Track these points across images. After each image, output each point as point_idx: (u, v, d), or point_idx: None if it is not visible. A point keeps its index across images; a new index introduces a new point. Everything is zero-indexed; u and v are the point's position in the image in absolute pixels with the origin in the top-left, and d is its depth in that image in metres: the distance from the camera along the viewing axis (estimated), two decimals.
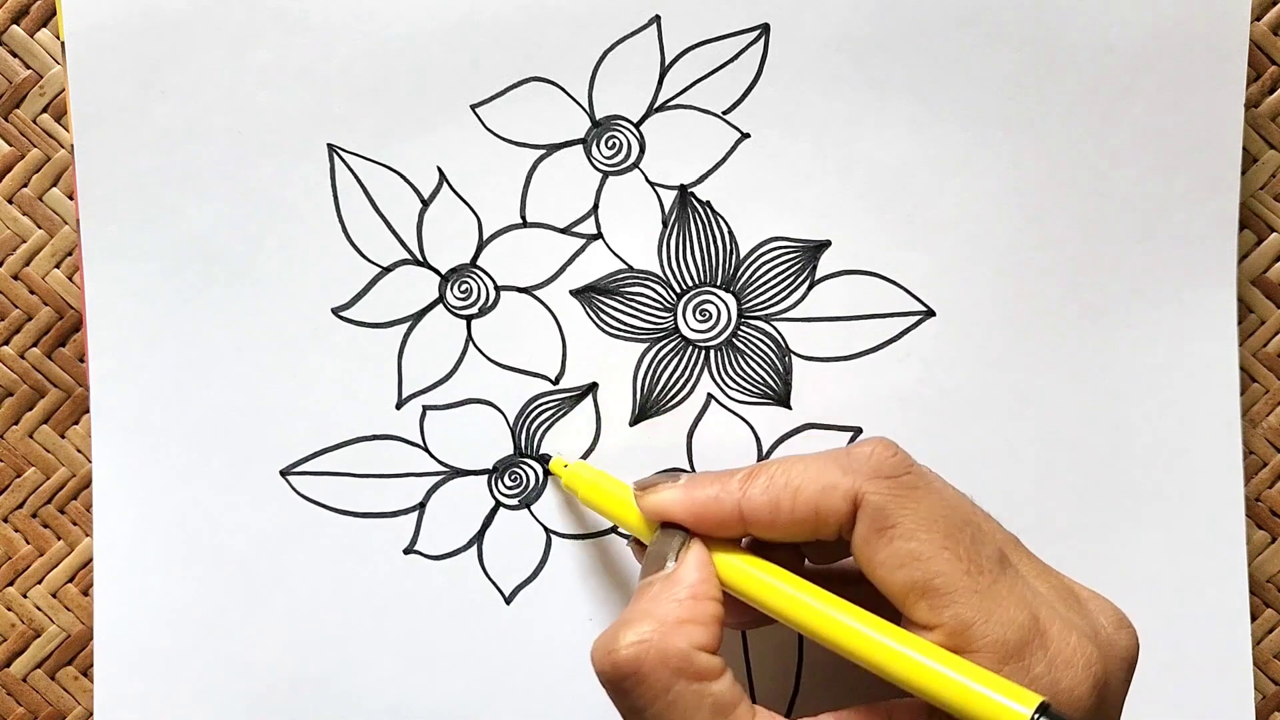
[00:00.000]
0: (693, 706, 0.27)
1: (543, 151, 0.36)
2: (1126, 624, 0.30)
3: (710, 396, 0.37)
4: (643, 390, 0.37)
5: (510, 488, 0.37)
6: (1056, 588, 0.29)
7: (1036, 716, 0.25)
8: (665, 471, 0.35)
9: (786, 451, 0.37)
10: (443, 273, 0.37)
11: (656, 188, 0.37)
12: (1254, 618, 0.38)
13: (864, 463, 0.29)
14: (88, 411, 0.37)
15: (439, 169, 0.36)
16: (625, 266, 0.37)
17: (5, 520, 0.38)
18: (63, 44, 0.36)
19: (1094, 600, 0.30)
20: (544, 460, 0.37)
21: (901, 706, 0.28)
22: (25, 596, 0.38)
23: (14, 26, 0.37)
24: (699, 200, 0.37)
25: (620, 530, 0.37)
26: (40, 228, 0.37)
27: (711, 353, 0.37)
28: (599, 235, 0.37)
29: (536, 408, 0.37)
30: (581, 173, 0.37)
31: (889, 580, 0.28)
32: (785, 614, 0.29)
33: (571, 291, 0.37)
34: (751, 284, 0.37)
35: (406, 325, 0.37)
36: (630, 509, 0.32)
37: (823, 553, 0.32)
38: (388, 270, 0.37)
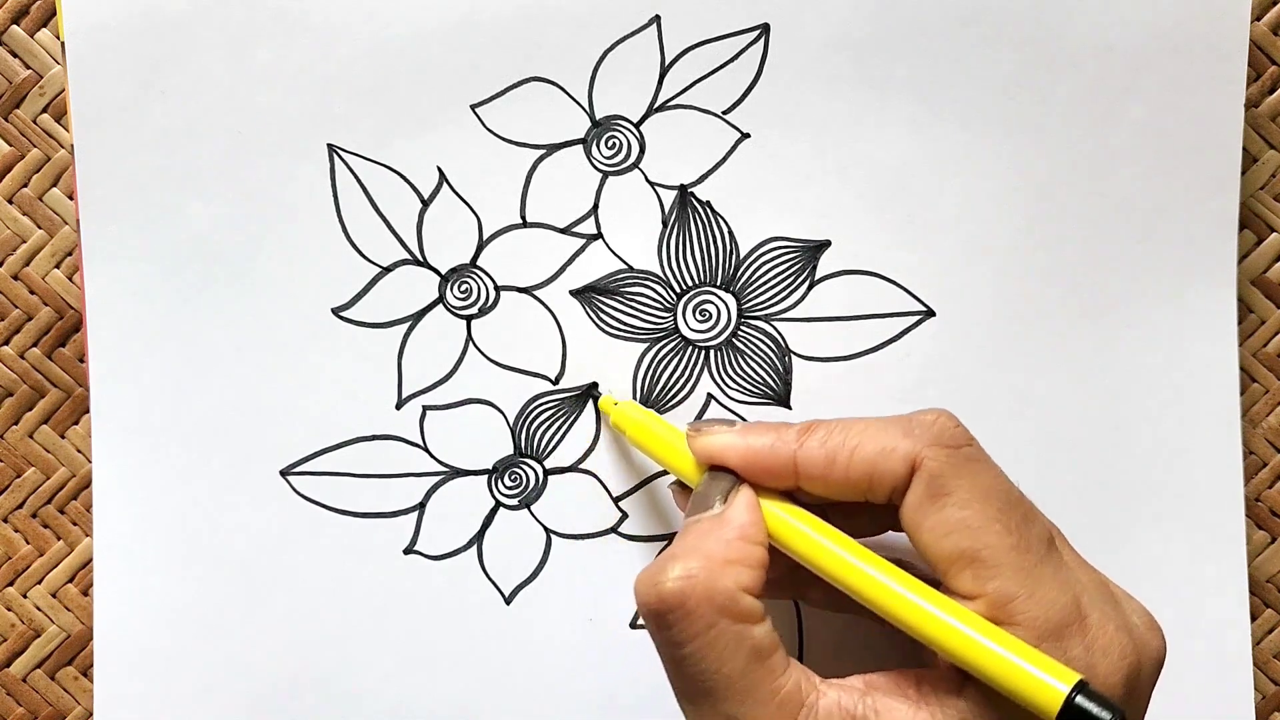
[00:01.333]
0: (732, 647, 0.27)
1: (543, 151, 0.36)
2: (1157, 627, 0.30)
3: (710, 396, 0.37)
4: (643, 390, 0.37)
5: (510, 488, 0.37)
6: (1095, 581, 0.30)
7: (1074, 694, 0.25)
8: (717, 419, 0.34)
9: None
10: (443, 273, 0.37)
11: (656, 188, 0.37)
12: (1254, 618, 0.38)
13: (927, 429, 0.29)
14: (88, 411, 0.37)
15: (439, 169, 0.36)
16: (625, 266, 0.37)
17: (5, 520, 0.38)
18: (63, 44, 0.36)
19: (1128, 600, 0.30)
20: (594, 396, 0.36)
21: (929, 675, 0.28)
22: (25, 596, 0.38)
23: (14, 26, 0.37)
24: (699, 200, 0.37)
25: (621, 519, 0.37)
26: (40, 228, 0.37)
27: (711, 353, 0.37)
28: (599, 235, 0.37)
29: (536, 408, 0.37)
30: (581, 173, 0.37)
31: (936, 546, 0.28)
32: (829, 569, 0.29)
33: (571, 291, 0.37)
34: (751, 284, 0.37)
35: (406, 325, 0.37)
36: (679, 452, 0.32)
37: (856, 524, 0.32)
38: (388, 270, 0.37)
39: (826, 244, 0.37)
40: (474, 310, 0.37)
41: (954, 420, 0.30)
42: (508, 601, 0.37)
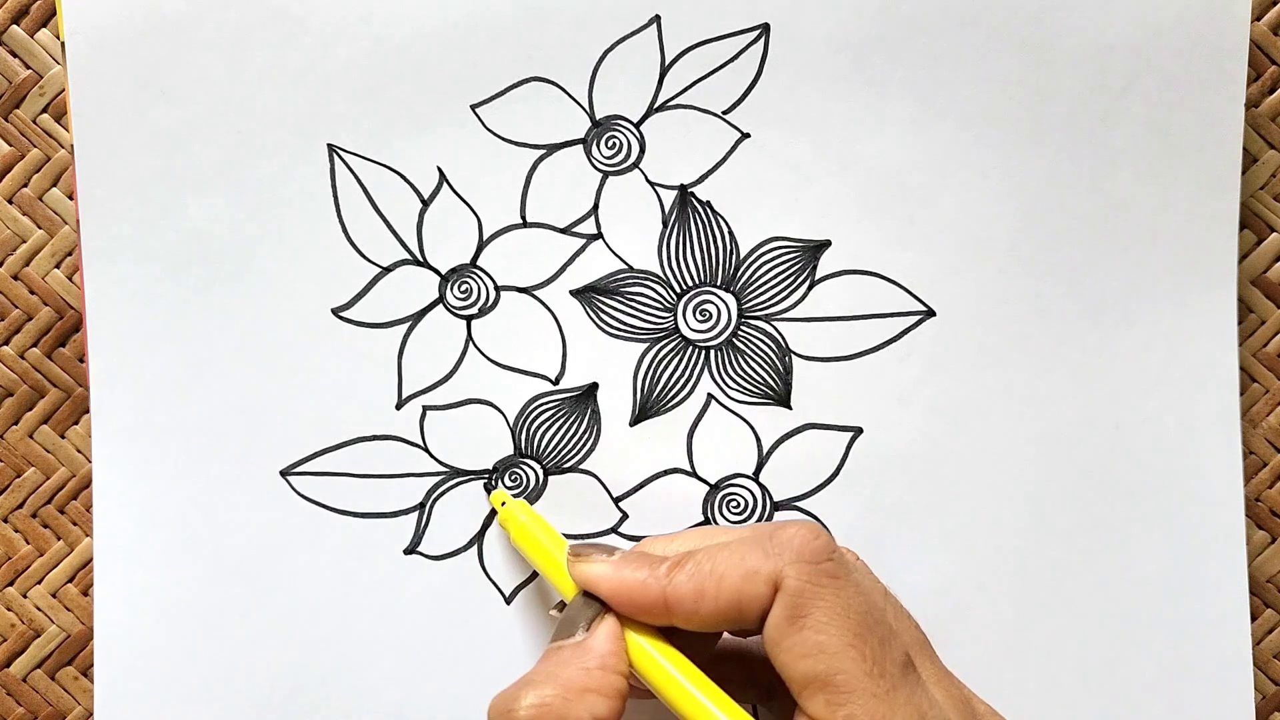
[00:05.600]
0: None
1: (543, 151, 0.36)
2: None
3: (710, 397, 0.37)
4: (643, 390, 0.37)
5: (510, 488, 0.37)
6: (955, 699, 0.29)
7: None
8: (599, 543, 0.34)
9: (786, 453, 0.37)
10: (443, 273, 0.37)
11: (656, 187, 0.37)
12: (1254, 618, 0.38)
13: (787, 546, 0.29)
14: (88, 411, 0.37)
15: (439, 169, 0.36)
16: (625, 266, 0.37)
17: (5, 520, 0.38)
18: (63, 44, 0.36)
19: (989, 716, 0.30)
20: (488, 489, 0.37)
21: None
22: (25, 596, 0.38)
23: (14, 26, 0.37)
24: (699, 200, 0.37)
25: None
26: (40, 228, 0.37)
27: (712, 353, 0.37)
28: (599, 235, 0.37)
29: (536, 408, 0.37)
30: (581, 173, 0.37)
31: (792, 668, 0.28)
32: (679, 707, 0.29)
33: (571, 291, 0.37)
34: (751, 284, 0.37)
35: (406, 325, 0.37)
36: (559, 567, 0.32)
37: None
38: (388, 270, 0.37)
39: (826, 244, 0.37)
40: (474, 310, 0.37)
41: (815, 532, 0.29)
42: (508, 601, 0.37)
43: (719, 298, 0.37)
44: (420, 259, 0.37)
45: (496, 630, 0.37)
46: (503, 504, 0.36)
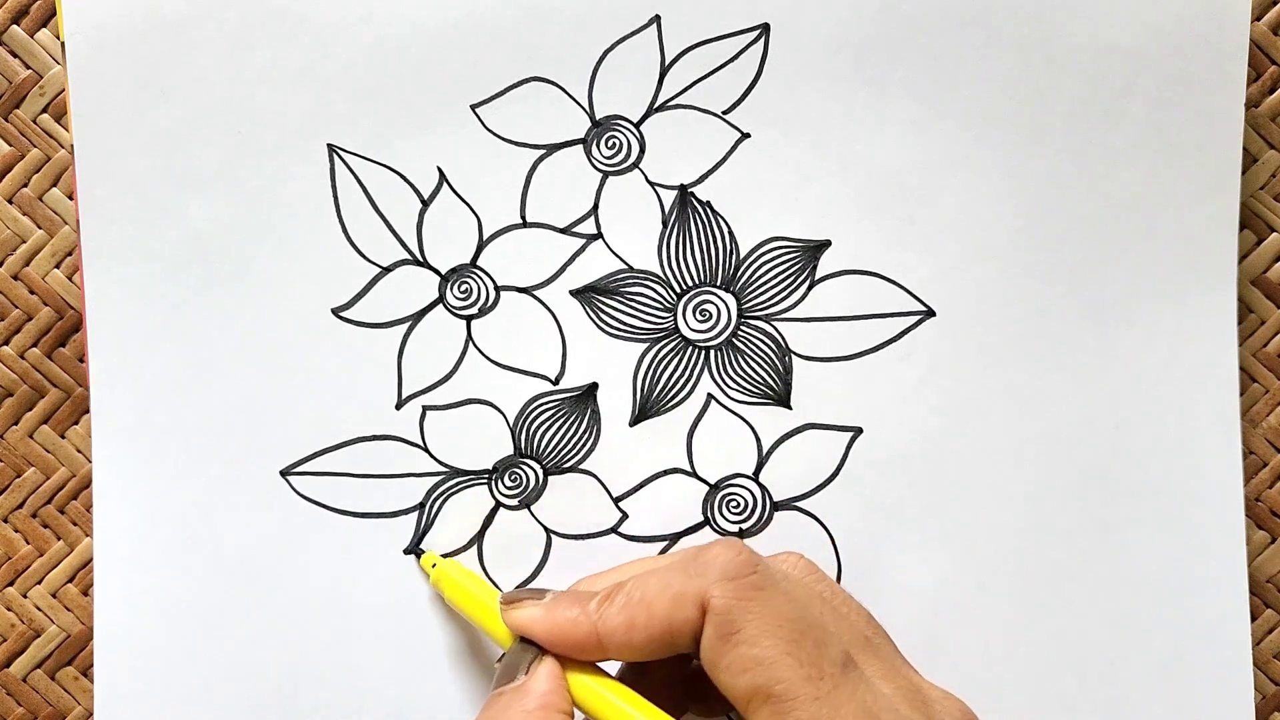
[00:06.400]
0: None
1: (543, 151, 0.36)
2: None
3: (710, 396, 0.37)
4: (643, 390, 0.37)
5: (510, 488, 0.37)
6: (903, 688, 0.29)
7: None
8: (531, 589, 0.35)
9: (786, 453, 0.37)
10: (443, 273, 0.37)
11: (656, 188, 0.37)
12: (1254, 618, 0.38)
13: (710, 565, 0.29)
14: (88, 411, 0.37)
15: (439, 169, 0.36)
16: (625, 266, 0.37)
17: (5, 520, 0.38)
18: (63, 44, 0.36)
19: (943, 700, 0.30)
20: (418, 555, 0.36)
21: None
22: (25, 596, 0.38)
23: (14, 26, 0.37)
24: (699, 200, 0.37)
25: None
26: (40, 228, 0.38)
27: (711, 353, 0.37)
28: (599, 235, 0.37)
29: (536, 408, 0.37)
30: (581, 173, 0.37)
31: (732, 685, 0.28)
32: None
33: (571, 291, 0.37)
34: (751, 284, 0.37)
35: (406, 325, 0.37)
36: (495, 618, 0.33)
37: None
38: (388, 270, 0.37)
39: (826, 244, 0.37)
40: (474, 310, 0.37)
41: (737, 548, 0.30)
42: None
43: (719, 298, 0.37)
44: (420, 259, 0.37)
45: None
46: (434, 565, 0.36)
